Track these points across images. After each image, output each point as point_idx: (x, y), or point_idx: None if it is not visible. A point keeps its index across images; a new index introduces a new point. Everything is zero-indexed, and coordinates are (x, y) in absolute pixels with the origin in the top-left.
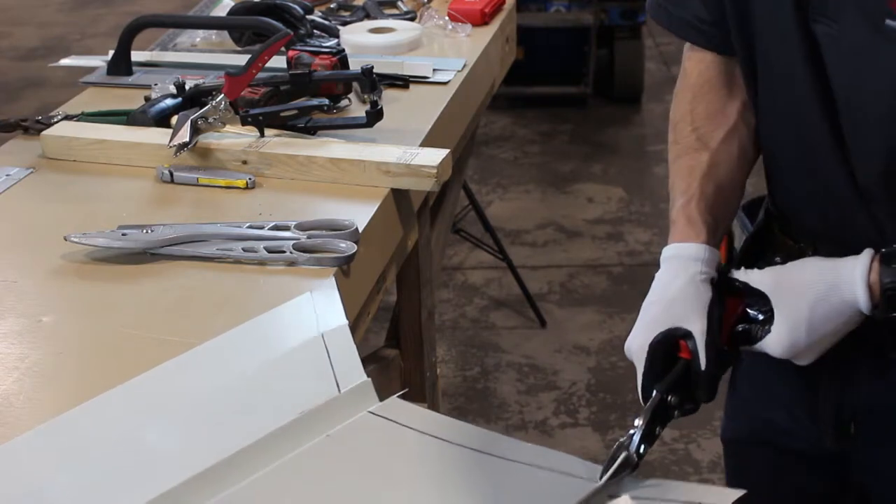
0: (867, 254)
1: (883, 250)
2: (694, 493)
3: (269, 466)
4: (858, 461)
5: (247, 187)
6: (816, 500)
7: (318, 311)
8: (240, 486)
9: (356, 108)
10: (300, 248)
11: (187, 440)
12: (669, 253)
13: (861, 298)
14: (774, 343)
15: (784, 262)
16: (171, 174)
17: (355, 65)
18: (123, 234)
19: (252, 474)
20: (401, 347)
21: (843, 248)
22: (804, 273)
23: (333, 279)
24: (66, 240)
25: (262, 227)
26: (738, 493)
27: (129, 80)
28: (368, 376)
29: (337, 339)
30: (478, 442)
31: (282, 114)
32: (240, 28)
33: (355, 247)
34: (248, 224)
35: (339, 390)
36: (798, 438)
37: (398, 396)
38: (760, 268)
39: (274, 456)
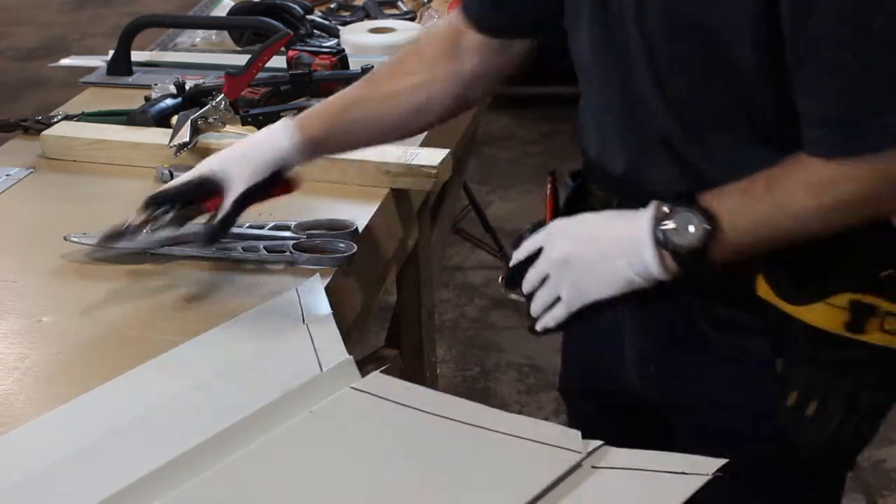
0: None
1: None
2: (677, 463)
3: (253, 444)
4: (660, 401)
5: None
6: (643, 444)
7: (304, 305)
8: (224, 463)
9: None
10: (300, 248)
11: (176, 423)
12: None
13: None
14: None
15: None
16: (171, 174)
17: (355, 65)
18: None
19: (236, 452)
20: (401, 347)
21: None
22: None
23: (318, 275)
24: (65, 240)
25: (262, 227)
26: (718, 462)
27: (129, 80)
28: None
29: (321, 327)
30: (461, 413)
31: (281, 114)
32: (240, 28)
33: (355, 247)
34: (248, 224)
35: (321, 369)
36: (619, 386)
37: (380, 371)
38: None
39: (258, 433)
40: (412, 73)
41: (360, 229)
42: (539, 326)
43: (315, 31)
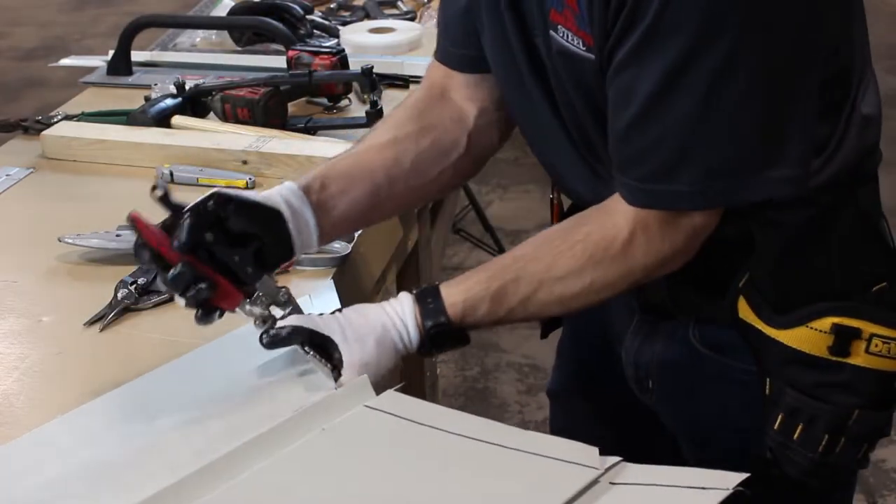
0: (406, 297)
1: (415, 291)
2: (696, 478)
3: (265, 461)
4: (662, 413)
5: (247, 187)
6: (633, 444)
7: (317, 312)
8: (236, 481)
9: (356, 108)
10: None
11: (186, 439)
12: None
13: (415, 341)
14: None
15: None
16: (171, 174)
17: (355, 65)
18: (117, 235)
19: (248, 469)
20: None
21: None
22: (361, 318)
23: (332, 281)
24: (59, 241)
25: None
26: (739, 476)
27: (129, 80)
28: None
29: None
30: (476, 431)
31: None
32: (240, 28)
33: (349, 247)
34: None
35: (335, 387)
36: (614, 390)
37: (396, 389)
38: None
39: (270, 451)
40: (408, 121)
41: (360, 229)
42: None
43: (315, 31)
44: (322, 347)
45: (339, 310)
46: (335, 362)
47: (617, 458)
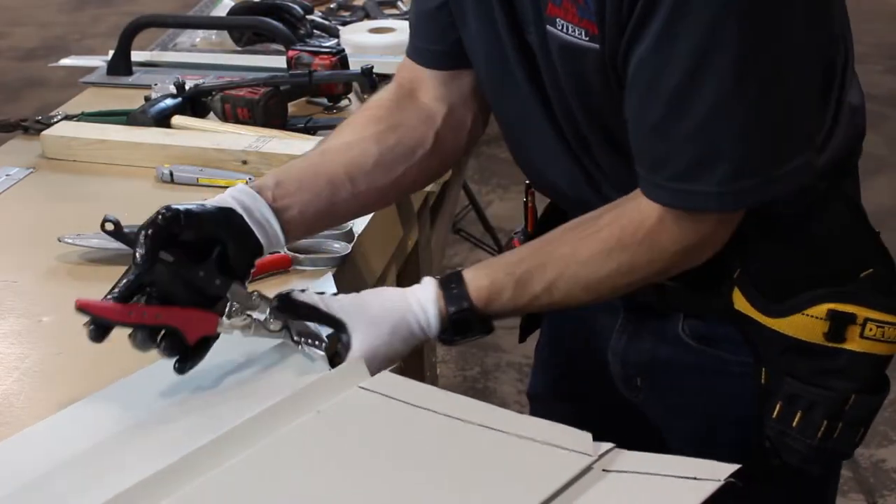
0: (430, 282)
1: (439, 277)
2: (689, 467)
3: (259, 443)
4: (649, 411)
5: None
6: (626, 444)
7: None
8: (230, 464)
9: (356, 108)
10: (294, 249)
11: (182, 423)
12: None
13: (434, 327)
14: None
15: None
16: (171, 174)
17: (355, 65)
18: None
19: (242, 451)
20: None
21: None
22: (378, 302)
23: (331, 277)
24: (59, 241)
25: None
26: (731, 467)
27: (129, 80)
28: None
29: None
30: (471, 414)
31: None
32: (240, 28)
33: (349, 247)
34: None
35: (329, 369)
36: (595, 391)
37: (390, 371)
38: None
39: (264, 433)
40: (371, 122)
41: (360, 230)
42: None
43: (315, 31)
44: (314, 336)
45: (357, 293)
46: (338, 347)
47: (610, 445)
